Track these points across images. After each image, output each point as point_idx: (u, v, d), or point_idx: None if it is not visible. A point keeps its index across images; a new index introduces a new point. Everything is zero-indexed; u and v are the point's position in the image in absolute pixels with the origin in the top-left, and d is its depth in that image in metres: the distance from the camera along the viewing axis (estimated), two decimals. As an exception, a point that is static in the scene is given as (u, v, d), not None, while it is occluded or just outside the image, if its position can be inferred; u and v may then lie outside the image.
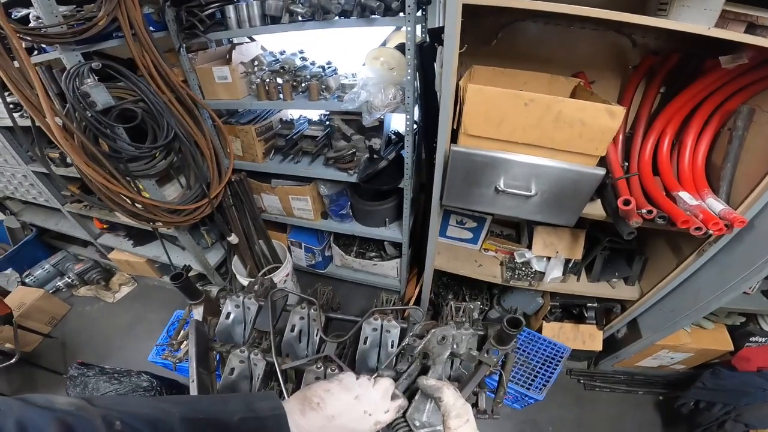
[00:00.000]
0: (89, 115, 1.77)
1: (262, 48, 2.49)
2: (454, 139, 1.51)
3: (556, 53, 1.63)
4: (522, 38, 1.64)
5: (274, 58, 2.37)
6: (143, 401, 0.59)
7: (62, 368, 2.85)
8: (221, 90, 2.24)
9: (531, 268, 2.12)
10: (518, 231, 2.42)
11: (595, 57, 1.62)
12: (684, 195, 1.40)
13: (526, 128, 1.29)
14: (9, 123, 2.09)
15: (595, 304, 2.25)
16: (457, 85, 1.44)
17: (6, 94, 1.96)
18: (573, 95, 1.48)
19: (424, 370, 0.96)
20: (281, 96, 2.15)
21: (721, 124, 1.47)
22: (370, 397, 0.72)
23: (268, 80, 2.14)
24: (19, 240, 3.80)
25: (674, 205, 1.39)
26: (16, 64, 1.71)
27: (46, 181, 2.96)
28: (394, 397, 0.78)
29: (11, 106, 2.08)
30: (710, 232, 1.29)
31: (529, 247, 2.07)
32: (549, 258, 2.04)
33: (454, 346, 0.95)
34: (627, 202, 1.32)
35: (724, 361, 2.17)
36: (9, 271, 3.61)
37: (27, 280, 3.62)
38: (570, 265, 2.06)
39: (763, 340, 2.15)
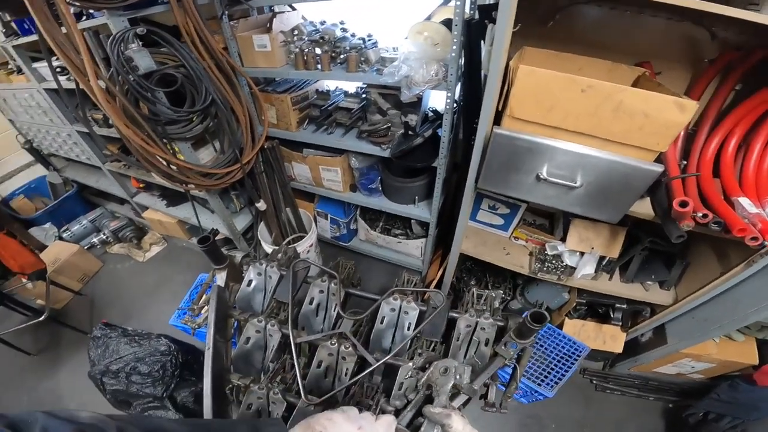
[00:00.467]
0: (132, 78, 1.81)
1: (303, 18, 2.42)
2: (497, 121, 1.41)
3: (618, 40, 1.49)
4: (582, 22, 1.51)
5: (314, 28, 2.29)
6: (158, 420, 0.62)
7: (88, 327, 2.92)
8: (260, 58, 2.20)
9: (562, 261, 2.03)
10: (552, 222, 2.31)
11: (664, 47, 1.47)
12: (744, 201, 1.28)
13: (580, 116, 1.18)
14: (55, 86, 2.21)
15: (624, 306, 2.14)
16: (507, 65, 1.33)
17: (53, 58, 2.02)
18: (635, 85, 1.35)
19: (428, 400, 0.95)
20: (319, 66, 2.10)
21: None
22: (372, 430, 0.71)
23: (306, 50, 2.08)
24: (60, 195, 3.91)
25: (732, 210, 1.26)
26: (63, 30, 1.76)
27: (88, 141, 3.02)
28: None
29: (58, 69, 2.18)
30: (766, 243, 1.17)
31: (563, 240, 1.97)
32: (582, 253, 1.94)
33: (457, 377, 0.93)
34: (684, 204, 1.21)
35: (745, 375, 2.07)
36: (48, 225, 3.75)
37: (64, 235, 3.75)
38: (604, 263, 1.95)
39: None
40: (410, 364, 1.15)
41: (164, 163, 2.18)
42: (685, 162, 1.45)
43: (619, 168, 1.24)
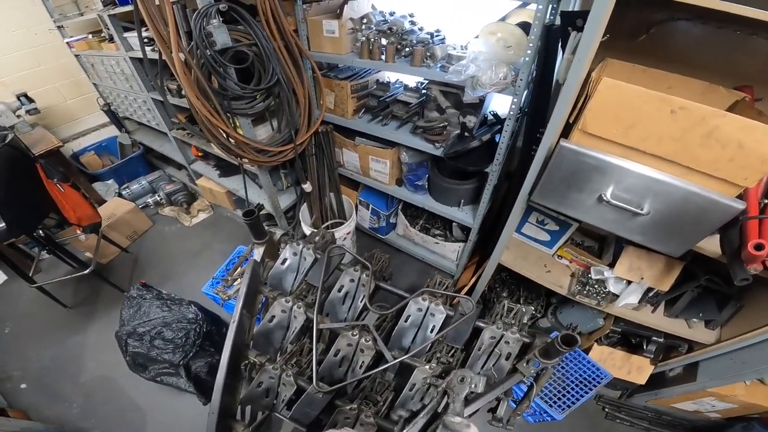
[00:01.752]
0: (208, 53, 1.87)
1: (373, 6, 2.37)
2: (565, 133, 1.31)
3: (717, 61, 1.35)
4: (678, 38, 1.38)
5: (382, 18, 2.23)
6: None
7: (126, 286, 3.00)
8: (327, 43, 2.18)
9: (605, 287, 1.90)
10: (602, 245, 2.17)
11: None
12: (818, 252, 1.14)
13: (663, 138, 1.07)
14: (140, 55, 2.31)
15: (661, 339, 2.00)
16: (588, 75, 1.23)
17: (143, 29, 2.13)
18: (732, 111, 1.22)
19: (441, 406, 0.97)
20: (383, 57, 2.04)
21: None
22: None
23: (373, 39, 2.04)
24: (126, 155, 4.14)
25: (806, 258, 1.13)
26: (156, 2, 1.84)
27: (161, 108, 3.18)
28: None
29: (145, 40, 2.28)
30: None
31: (611, 265, 1.84)
32: (629, 282, 1.81)
33: (472, 386, 0.94)
34: (760, 247, 1.08)
35: (764, 418, 1.96)
36: (110, 181, 3.96)
37: (123, 192, 3.92)
38: (650, 294, 1.82)
39: None
40: (426, 367, 1.12)
41: (224, 135, 2.21)
42: (767, 201, 1.31)
43: (695, 200, 1.12)
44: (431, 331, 1.25)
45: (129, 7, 2.32)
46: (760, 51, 1.28)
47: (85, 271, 2.64)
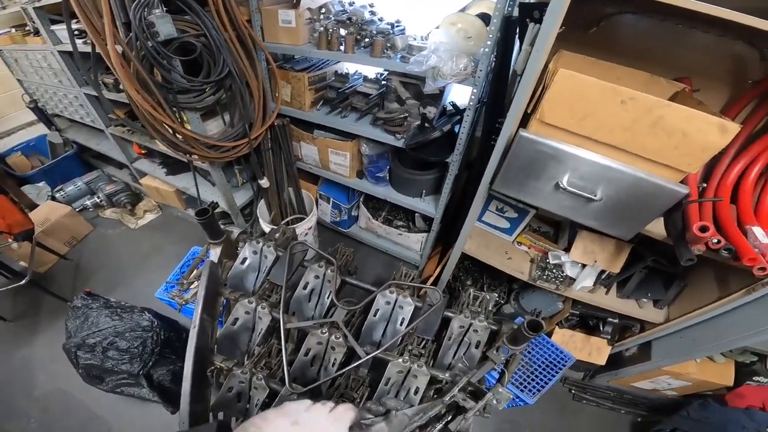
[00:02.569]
0: (150, 45, 1.79)
1: (332, -4, 2.35)
2: (523, 123, 1.38)
3: (660, 53, 1.45)
4: (626, 31, 1.47)
5: (342, 8, 2.22)
6: None
7: (70, 295, 2.84)
8: (283, 34, 2.14)
9: (562, 271, 2.01)
10: (558, 230, 2.29)
11: (708, 65, 1.43)
12: (757, 230, 1.26)
13: (614, 128, 1.15)
14: (70, 48, 2.16)
15: (616, 320, 2.15)
16: (545, 66, 1.30)
17: (73, 21, 2.04)
18: (673, 101, 1.31)
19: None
20: (342, 48, 2.04)
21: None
22: (313, 423, 0.67)
23: (331, 30, 2.03)
24: (58, 155, 3.87)
25: (744, 239, 1.25)
26: None
27: (95, 104, 3.01)
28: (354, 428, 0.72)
29: (75, 32, 2.15)
30: None
31: (567, 250, 1.95)
32: (584, 265, 1.93)
33: (494, 402, 0.93)
34: (704, 229, 1.19)
35: (718, 394, 2.13)
36: (42, 184, 3.68)
37: (57, 195, 3.68)
38: (603, 276, 1.95)
39: (766, 381, 2.07)
40: (400, 360, 1.13)
41: (170, 131, 2.13)
42: (705, 184, 1.43)
43: (644, 185, 1.22)
44: (401, 324, 1.26)
45: (56, -1, 2.17)
46: (698, 44, 1.40)
47: (21, 282, 2.48)
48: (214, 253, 1.43)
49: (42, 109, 3.62)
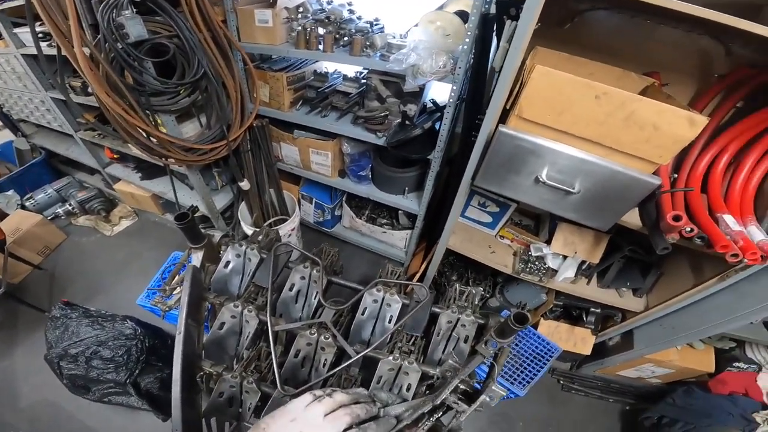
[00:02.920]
0: (120, 46, 1.76)
1: (310, -6, 2.35)
2: (503, 119, 1.41)
3: (630, 48, 1.51)
4: (597, 27, 1.52)
5: (320, 7, 2.22)
6: None
7: (46, 305, 2.80)
8: (260, 34, 2.13)
9: (545, 263, 2.07)
10: (538, 223, 2.35)
11: (675, 60, 1.49)
12: (728, 218, 1.32)
13: (590, 122, 1.19)
14: (34, 51, 2.13)
15: (598, 310, 2.21)
16: (522, 63, 1.33)
17: (37, 23, 2.00)
18: (644, 95, 1.36)
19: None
20: (321, 47, 2.04)
21: (786, 150, 1.38)
22: (311, 420, 0.71)
23: (309, 29, 2.02)
24: (26, 162, 3.73)
25: (716, 227, 1.31)
26: None
27: (63, 108, 2.93)
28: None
29: (40, 35, 2.12)
30: (745, 260, 1.21)
31: (548, 242, 2.01)
32: (565, 257, 1.99)
33: (487, 399, 0.89)
34: (678, 218, 1.25)
35: (701, 381, 2.19)
36: (11, 192, 3.55)
37: (27, 204, 3.56)
38: (583, 267, 2.01)
39: (746, 366, 2.16)
40: (390, 358, 1.15)
41: (144, 134, 2.09)
42: (676, 175, 1.49)
43: (619, 177, 1.26)
44: (389, 322, 1.27)
45: (19, 1, 2.10)
46: (666, 39, 1.45)
47: None
48: (196, 258, 1.41)
49: (7, 115, 3.51)
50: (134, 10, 1.71)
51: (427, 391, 1.11)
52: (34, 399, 2.38)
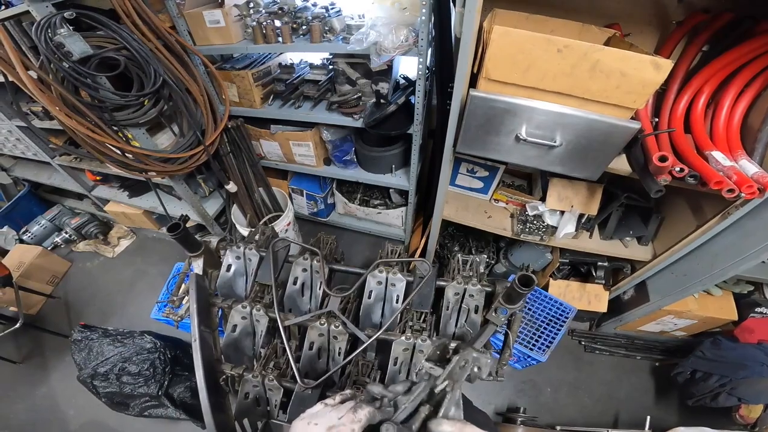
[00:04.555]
0: (66, 65, 1.73)
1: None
2: (473, 83, 1.41)
3: (587, 4, 1.52)
4: (552, -16, 1.52)
5: (271, 0, 2.19)
6: None
7: (67, 330, 2.88)
8: (214, 35, 2.12)
9: (543, 221, 2.08)
10: (531, 182, 2.36)
11: (631, 11, 1.51)
12: (717, 155, 1.32)
13: (557, 76, 1.19)
14: None
15: (606, 263, 2.22)
16: (480, 26, 1.31)
17: None
18: (607, 46, 1.37)
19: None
20: (280, 39, 2.03)
21: (763, 86, 1.37)
22: (328, 419, 0.69)
23: (265, 23, 2.00)
24: (12, 196, 3.77)
25: (707, 164, 1.31)
26: None
27: (31, 135, 2.88)
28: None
29: None
30: (742, 195, 1.22)
31: (543, 199, 2.02)
32: (563, 212, 1.99)
33: (475, 370, 0.78)
34: (664, 159, 1.25)
35: (726, 331, 2.17)
36: (5, 228, 3.62)
37: (24, 237, 3.63)
38: (583, 221, 2.02)
39: None
40: (403, 338, 1.17)
41: (117, 151, 2.09)
42: (657, 119, 1.50)
43: (597, 126, 1.27)
44: (397, 302, 1.29)
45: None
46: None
47: (16, 326, 2.51)
48: (197, 266, 1.44)
49: (-20, 150, 3.49)
50: (71, 27, 1.71)
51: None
52: (82, 420, 2.50)
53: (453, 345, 0.86)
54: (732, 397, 1.94)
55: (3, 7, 1.81)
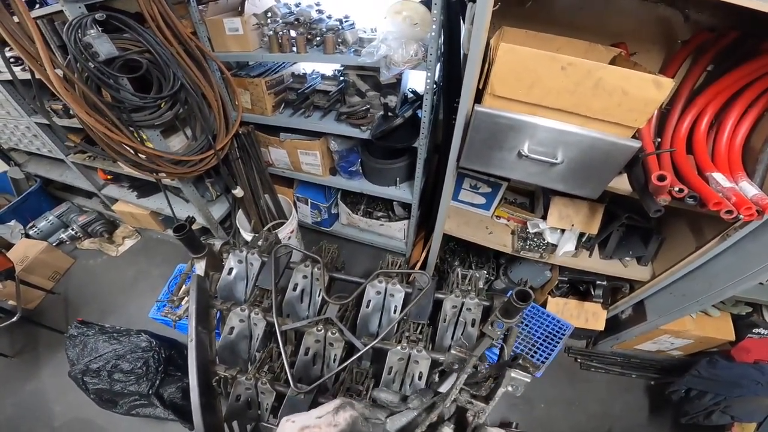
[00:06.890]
0: (91, 65, 1.77)
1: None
2: (478, 99, 1.43)
3: (594, 22, 1.54)
4: (558, 3, 1.55)
5: (288, 10, 2.24)
6: None
7: (64, 327, 2.88)
8: (232, 42, 2.17)
9: (543, 239, 2.08)
10: (532, 200, 2.36)
11: (638, 29, 1.53)
12: (718, 176, 1.33)
13: (560, 93, 1.21)
14: (9, 77, 2.11)
15: (604, 282, 2.21)
16: (487, 43, 1.34)
17: (6, 48, 2.00)
18: (612, 65, 1.39)
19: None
20: (294, 49, 2.07)
21: (766, 107, 1.39)
22: (303, 417, 0.69)
23: (281, 33, 2.05)
24: (23, 191, 3.82)
25: (707, 185, 1.32)
26: (16, 19, 1.74)
27: (49, 132, 2.95)
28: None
29: (11, 60, 2.14)
30: (741, 216, 1.22)
31: (544, 217, 2.02)
32: (563, 230, 2.00)
33: (509, 389, 0.81)
34: (662, 178, 1.26)
35: (723, 351, 2.15)
36: (13, 222, 3.65)
37: (31, 232, 3.65)
38: (583, 240, 2.02)
39: (766, 332, 2.13)
40: (398, 348, 1.17)
41: (132, 151, 2.13)
42: (659, 139, 1.51)
43: (598, 144, 1.28)
44: (394, 312, 1.30)
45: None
46: (626, 10, 1.49)
47: (13, 319, 2.51)
48: (199, 267, 1.45)
49: (-4, 145, 3.56)
50: (100, 29, 1.74)
51: (439, 379, 1.12)
52: (68, 417, 2.48)
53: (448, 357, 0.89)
54: (725, 415, 1.93)
55: (38, 5, 1.85)
